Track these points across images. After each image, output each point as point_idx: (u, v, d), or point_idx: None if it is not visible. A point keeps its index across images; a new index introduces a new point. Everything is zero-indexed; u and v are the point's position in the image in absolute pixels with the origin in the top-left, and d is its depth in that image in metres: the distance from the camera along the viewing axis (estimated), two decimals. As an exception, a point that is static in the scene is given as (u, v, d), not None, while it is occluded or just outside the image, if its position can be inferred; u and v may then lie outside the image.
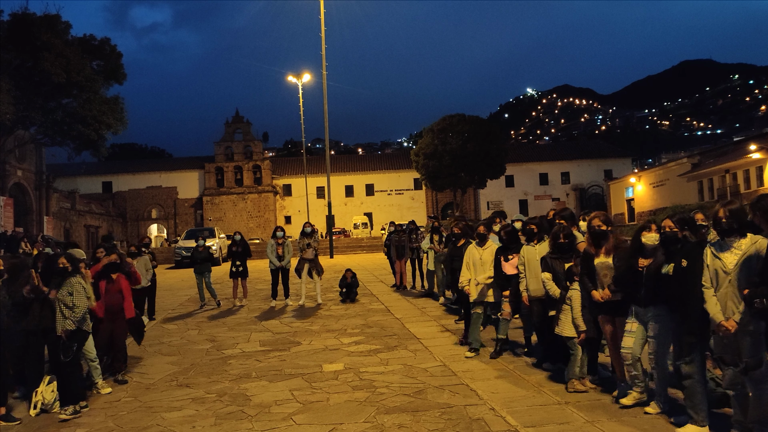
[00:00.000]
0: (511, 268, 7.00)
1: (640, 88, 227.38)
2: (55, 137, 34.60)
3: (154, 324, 11.06)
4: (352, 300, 12.74)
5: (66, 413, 5.67)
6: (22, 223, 35.99)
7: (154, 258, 12.20)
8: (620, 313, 5.23)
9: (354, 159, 71.30)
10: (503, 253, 7.15)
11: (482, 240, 7.58)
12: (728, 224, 4.17)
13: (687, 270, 4.52)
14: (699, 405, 4.45)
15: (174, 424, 5.41)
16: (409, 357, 7.49)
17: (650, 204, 44.63)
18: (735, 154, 37.28)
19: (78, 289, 5.97)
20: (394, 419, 5.16)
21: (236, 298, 13.18)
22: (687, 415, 4.53)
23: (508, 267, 7.06)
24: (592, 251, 5.46)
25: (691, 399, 4.50)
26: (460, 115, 45.78)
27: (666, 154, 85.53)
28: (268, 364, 7.55)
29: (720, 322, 4.13)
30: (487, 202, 58.06)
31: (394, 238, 14.30)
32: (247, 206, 58.37)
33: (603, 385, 5.70)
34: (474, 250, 7.54)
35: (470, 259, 7.49)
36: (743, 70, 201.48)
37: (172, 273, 24.21)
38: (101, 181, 60.03)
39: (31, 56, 29.96)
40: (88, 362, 6.48)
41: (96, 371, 6.56)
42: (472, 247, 7.61)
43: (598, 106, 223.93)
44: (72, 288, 5.95)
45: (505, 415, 5.09)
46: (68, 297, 5.89)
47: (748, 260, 4.07)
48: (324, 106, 30.30)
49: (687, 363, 4.51)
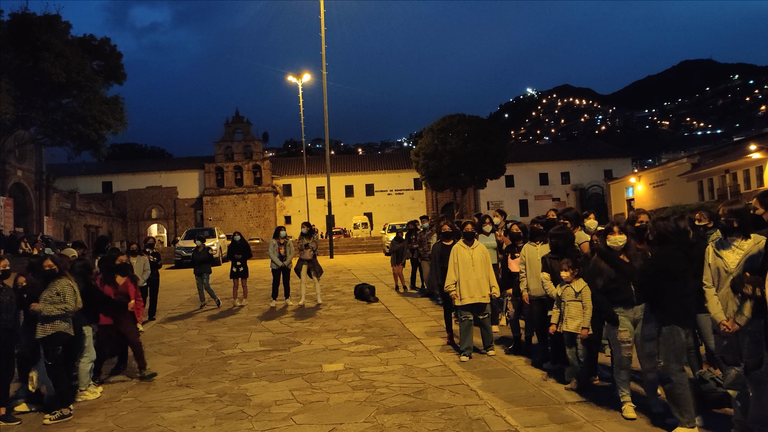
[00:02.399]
0: (516, 265, 6.98)
1: (640, 88, 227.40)
2: (55, 137, 34.62)
3: (154, 324, 11.06)
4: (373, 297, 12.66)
5: (51, 418, 5.61)
6: (22, 223, 36.01)
7: (159, 259, 12.18)
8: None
9: (354, 159, 71.25)
10: (510, 251, 7.13)
11: (470, 239, 7.30)
12: (730, 224, 4.16)
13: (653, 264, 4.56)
14: (684, 406, 4.41)
15: (174, 424, 5.40)
16: (409, 357, 7.48)
17: (650, 204, 44.58)
18: (735, 154, 37.25)
19: (68, 291, 5.90)
20: (394, 419, 5.16)
21: (236, 298, 13.17)
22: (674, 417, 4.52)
23: (514, 264, 7.04)
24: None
25: (674, 400, 4.46)
26: (460, 115, 45.72)
27: (666, 154, 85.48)
28: (268, 364, 7.54)
29: (721, 321, 4.13)
30: (487, 202, 58.01)
31: (395, 244, 14.33)
32: (247, 206, 58.35)
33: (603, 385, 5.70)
34: (462, 249, 7.23)
35: (458, 259, 7.18)
36: (743, 70, 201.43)
37: (173, 273, 24.19)
38: (101, 181, 59.99)
39: (31, 56, 29.98)
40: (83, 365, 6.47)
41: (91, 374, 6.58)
42: (460, 247, 7.29)
43: (598, 106, 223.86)
44: (61, 288, 5.87)
45: (505, 415, 5.09)
46: (56, 296, 5.81)
47: (751, 260, 4.06)
48: (324, 106, 30.28)
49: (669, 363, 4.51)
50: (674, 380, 4.43)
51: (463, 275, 7.12)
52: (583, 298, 5.54)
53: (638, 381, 5.42)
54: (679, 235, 4.63)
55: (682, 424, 4.42)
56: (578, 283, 5.63)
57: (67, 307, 5.84)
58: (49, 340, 5.78)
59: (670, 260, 4.50)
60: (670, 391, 4.48)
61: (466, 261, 7.14)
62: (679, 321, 4.46)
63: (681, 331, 4.46)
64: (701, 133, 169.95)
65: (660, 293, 4.53)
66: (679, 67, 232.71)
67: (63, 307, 5.81)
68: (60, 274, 5.98)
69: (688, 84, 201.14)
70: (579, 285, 5.62)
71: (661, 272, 4.52)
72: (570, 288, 5.65)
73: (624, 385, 5.01)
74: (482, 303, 7.12)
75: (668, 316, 4.49)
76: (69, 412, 5.72)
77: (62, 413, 5.66)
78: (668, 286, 4.47)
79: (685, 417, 4.42)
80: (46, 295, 5.79)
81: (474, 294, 7.06)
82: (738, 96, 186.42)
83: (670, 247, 4.55)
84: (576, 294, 5.60)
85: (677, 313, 4.45)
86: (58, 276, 5.96)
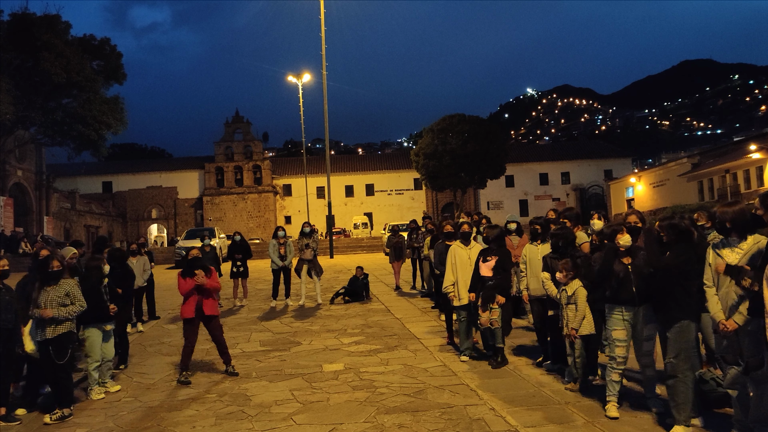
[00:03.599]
0: (486, 270, 6.66)
1: (640, 88, 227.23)
2: (55, 137, 34.62)
3: (155, 324, 11.06)
4: (367, 296, 12.70)
5: (53, 418, 5.60)
6: (22, 223, 36.01)
7: (152, 259, 12.20)
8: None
9: (354, 159, 71.24)
10: (483, 254, 6.80)
11: (466, 239, 7.27)
12: (730, 224, 4.16)
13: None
14: (682, 405, 4.42)
15: (174, 424, 5.40)
16: (410, 357, 7.48)
17: (650, 204, 44.60)
18: (735, 154, 37.24)
19: (76, 291, 5.93)
20: (394, 419, 5.16)
21: (236, 298, 13.18)
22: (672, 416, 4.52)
23: (484, 268, 6.69)
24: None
25: (674, 399, 4.48)
26: (460, 115, 45.71)
27: (666, 154, 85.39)
28: (268, 364, 7.54)
29: (720, 321, 4.13)
30: (488, 202, 58.04)
31: (391, 240, 14.29)
32: (247, 206, 58.34)
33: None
34: (460, 250, 7.22)
35: (455, 259, 7.17)
36: (743, 70, 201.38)
37: (173, 273, 24.16)
38: (101, 181, 59.98)
39: (31, 56, 29.99)
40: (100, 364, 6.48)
41: (108, 372, 6.66)
42: (457, 247, 7.27)
43: (598, 106, 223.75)
44: (70, 289, 5.88)
45: (505, 415, 5.08)
46: (65, 297, 5.80)
47: (752, 259, 4.06)
48: (324, 106, 30.27)
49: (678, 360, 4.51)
50: (680, 377, 4.45)
51: (461, 275, 7.08)
52: (577, 299, 5.55)
53: (639, 381, 5.42)
54: (689, 234, 4.68)
55: (679, 422, 4.43)
56: (572, 285, 5.61)
57: (82, 306, 5.87)
58: (60, 339, 5.76)
59: (688, 258, 4.55)
60: (672, 388, 4.48)
61: (464, 261, 7.11)
62: (693, 317, 4.55)
63: (694, 327, 4.56)
64: (701, 133, 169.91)
65: (669, 292, 4.55)
66: (679, 67, 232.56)
67: (78, 308, 5.83)
68: (63, 272, 5.97)
69: (688, 84, 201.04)
70: (572, 287, 5.60)
71: (674, 270, 4.53)
72: (565, 291, 5.65)
73: (612, 385, 4.97)
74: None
75: (683, 313, 4.51)
76: (69, 412, 5.71)
77: (63, 413, 5.65)
78: (681, 284, 4.52)
79: (682, 415, 4.42)
80: (53, 296, 5.76)
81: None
82: (738, 96, 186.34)
83: (685, 245, 4.58)
84: (569, 297, 5.59)
85: (691, 309, 4.53)
86: (64, 275, 5.96)
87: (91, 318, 6.34)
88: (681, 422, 4.42)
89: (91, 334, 6.40)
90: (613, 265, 5.01)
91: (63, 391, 5.78)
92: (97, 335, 6.44)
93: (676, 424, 4.43)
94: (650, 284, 4.75)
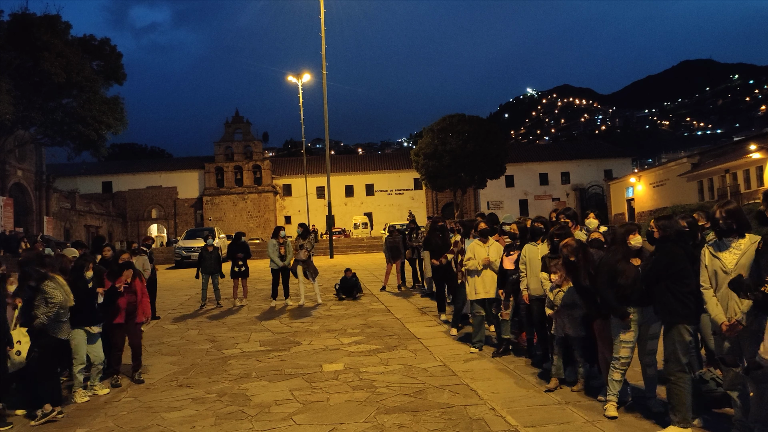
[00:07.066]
0: (509, 263, 7.02)
1: (640, 88, 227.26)
2: (55, 137, 34.59)
3: (155, 324, 11.06)
4: (355, 297, 12.84)
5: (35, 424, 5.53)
6: (22, 223, 36.00)
7: (152, 259, 12.18)
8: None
9: (354, 159, 71.21)
10: (507, 249, 7.20)
11: (485, 236, 7.54)
12: (726, 225, 4.14)
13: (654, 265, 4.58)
14: (678, 405, 4.41)
15: (174, 424, 5.40)
16: (409, 357, 7.48)
17: (650, 204, 44.60)
18: (735, 154, 37.21)
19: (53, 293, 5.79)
20: (394, 419, 5.15)
21: (236, 298, 13.18)
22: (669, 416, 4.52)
23: (507, 262, 7.08)
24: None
25: (672, 399, 4.48)
26: (460, 115, 45.68)
27: (666, 154, 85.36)
28: (268, 364, 7.54)
29: (722, 323, 4.11)
30: (488, 202, 58.02)
31: (388, 239, 14.28)
32: (247, 206, 58.34)
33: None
34: (478, 247, 7.50)
35: (474, 255, 7.45)
36: (743, 70, 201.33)
37: (172, 273, 24.18)
38: (101, 181, 59.96)
39: (31, 56, 29.96)
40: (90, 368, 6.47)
41: (98, 376, 6.60)
42: (476, 245, 7.54)
43: (598, 106, 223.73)
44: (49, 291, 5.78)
45: (505, 415, 5.08)
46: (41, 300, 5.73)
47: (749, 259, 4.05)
48: (324, 106, 30.27)
49: (668, 362, 4.50)
50: (672, 380, 4.45)
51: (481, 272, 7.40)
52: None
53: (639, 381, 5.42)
54: (679, 234, 4.64)
55: (674, 423, 4.43)
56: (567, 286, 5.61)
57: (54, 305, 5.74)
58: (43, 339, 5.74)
59: (671, 261, 4.50)
60: (669, 390, 4.50)
61: (482, 257, 7.39)
62: (683, 319, 4.45)
63: (685, 330, 4.45)
64: (701, 133, 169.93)
65: (660, 292, 4.54)
66: (679, 67, 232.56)
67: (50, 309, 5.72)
68: (45, 277, 5.86)
69: (688, 84, 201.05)
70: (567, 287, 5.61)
71: (661, 271, 4.52)
72: (561, 292, 5.64)
73: (612, 384, 4.96)
74: (494, 298, 7.34)
75: (670, 315, 4.49)
76: (51, 410, 5.62)
77: (44, 411, 5.59)
78: (669, 285, 4.48)
79: (677, 416, 4.42)
80: (37, 302, 5.72)
81: (489, 289, 7.35)
82: (738, 96, 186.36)
83: (671, 245, 4.55)
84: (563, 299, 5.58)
85: (678, 311, 4.45)
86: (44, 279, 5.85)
87: (77, 320, 6.25)
88: (676, 423, 4.42)
89: (76, 336, 6.31)
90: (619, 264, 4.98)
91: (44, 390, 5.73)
92: (82, 337, 6.38)
93: (671, 425, 4.44)
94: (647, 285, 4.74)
